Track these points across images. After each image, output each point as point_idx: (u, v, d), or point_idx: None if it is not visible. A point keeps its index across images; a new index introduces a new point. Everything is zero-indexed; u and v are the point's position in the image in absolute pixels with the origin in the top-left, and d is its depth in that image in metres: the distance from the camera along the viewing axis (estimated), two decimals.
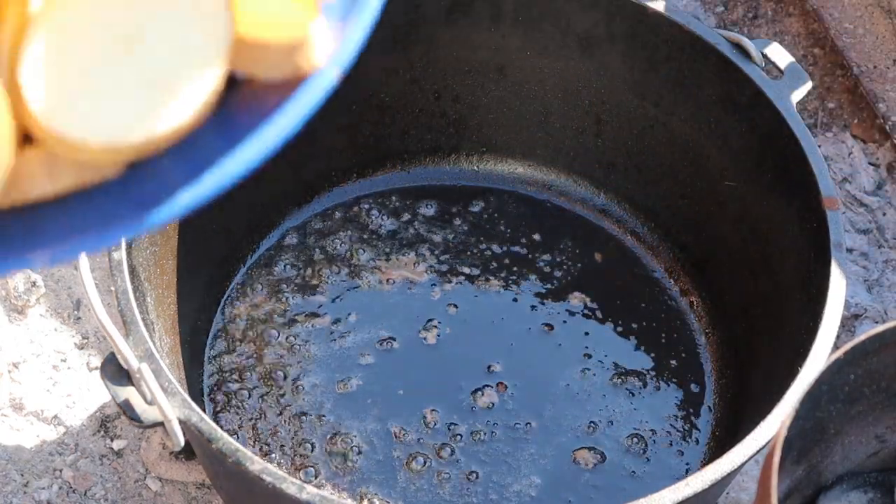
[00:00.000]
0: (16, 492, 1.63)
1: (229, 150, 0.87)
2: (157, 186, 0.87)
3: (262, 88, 0.90)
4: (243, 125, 0.88)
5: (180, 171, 0.87)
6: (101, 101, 0.85)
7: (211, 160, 0.87)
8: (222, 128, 0.88)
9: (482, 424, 1.64)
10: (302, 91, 0.88)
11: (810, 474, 1.33)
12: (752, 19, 2.05)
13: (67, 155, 0.86)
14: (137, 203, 0.86)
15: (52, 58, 0.85)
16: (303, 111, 0.88)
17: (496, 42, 1.73)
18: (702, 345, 1.72)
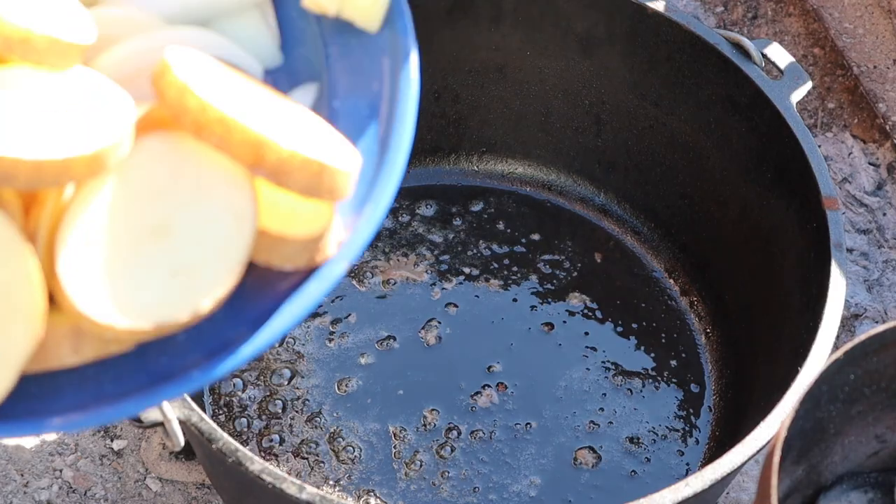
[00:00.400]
0: (16, 492, 1.63)
1: (241, 334, 0.93)
2: (171, 362, 0.93)
3: (275, 274, 0.96)
4: (256, 309, 0.94)
5: (194, 350, 0.93)
6: (129, 286, 0.91)
7: (223, 342, 0.93)
8: (236, 310, 0.94)
9: (482, 424, 1.64)
10: (312, 282, 0.95)
11: (810, 474, 1.33)
12: (752, 19, 2.05)
13: (93, 332, 0.91)
14: (151, 378, 0.93)
15: (85, 243, 0.91)
16: (312, 301, 0.95)
17: (496, 42, 1.73)
18: (702, 345, 1.72)
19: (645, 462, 1.62)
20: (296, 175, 0.93)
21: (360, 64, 1.05)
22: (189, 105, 0.93)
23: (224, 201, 0.94)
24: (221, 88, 0.96)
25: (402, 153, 1.01)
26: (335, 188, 0.95)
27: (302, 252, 0.96)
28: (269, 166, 0.93)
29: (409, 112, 1.02)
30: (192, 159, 0.95)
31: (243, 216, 0.94)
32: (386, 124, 1.02)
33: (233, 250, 0.93)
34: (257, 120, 0.94)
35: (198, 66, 0.97)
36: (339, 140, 0.99)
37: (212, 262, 0.92)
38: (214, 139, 0.93)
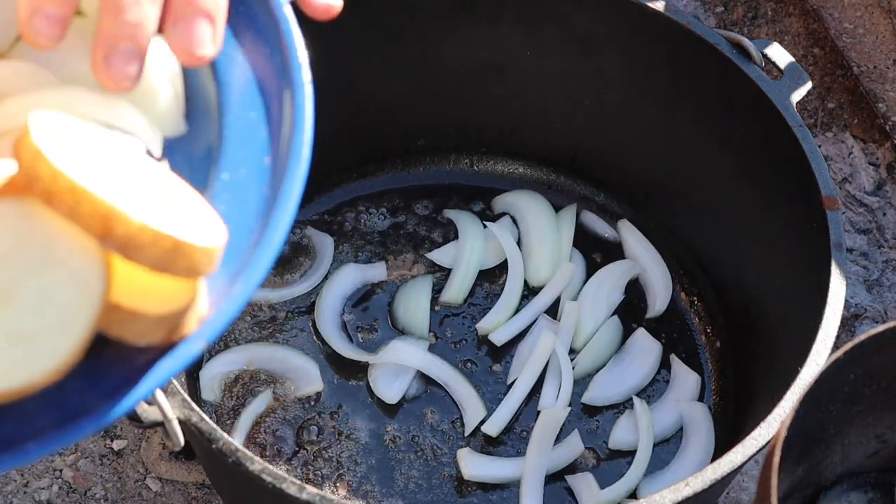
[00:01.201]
0: (16, 492, 1.63)
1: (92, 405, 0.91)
2: (15, 429, 0.91)
3: (129, 348, 0.94)
4: (109, 381, 0.93)
5: (38, 420, 0.91)
6: None
7: (71, 412, 0.91)
8: (86, 381, 0.92)
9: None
10: (166, 360, 0.93)
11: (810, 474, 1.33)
12: (752, 19, 2.05)
13: None
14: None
15: None
16: (165, 377, 0.93)
17: (496, 42, 1.73)
18: (702, 345, 1.72)
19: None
20: (146, 251, 0.91)
21: (256, 136, 1.03)
22: (41, 172, 0.91)
23: (71, 271, 0.92)
24: (82, 156, 0.94)
25: (279, 235, 0.98)
26: (193, 265, 0.93)
27: (157, 328, 0.94)
28: (117, 239, 0.91)
29: (294, 192, 0.99)
30: (44, 226, 0.93)
31: (90, 288, 0.92)
32: (271, 201, 1.00)
33: (76, 323, 0.91)
34: (111, 190, 0.92)
35: (64, 130, 0.95)
36: (209, 215, 0.97)
37: (53, 333, 0.91)
38: (64, 208, 0.91)
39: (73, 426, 0.91)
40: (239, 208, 1.00)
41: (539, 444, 1.58)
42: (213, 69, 1.05)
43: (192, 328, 0.95)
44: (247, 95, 1.04)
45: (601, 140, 1.78)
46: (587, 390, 1.65)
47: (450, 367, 1.65)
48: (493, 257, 1.75)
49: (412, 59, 1.73)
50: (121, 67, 0.95)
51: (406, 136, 1.81)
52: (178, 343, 0.94)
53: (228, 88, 1.05)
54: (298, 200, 0.99)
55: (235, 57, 1.05)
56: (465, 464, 1.59)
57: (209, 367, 1.63)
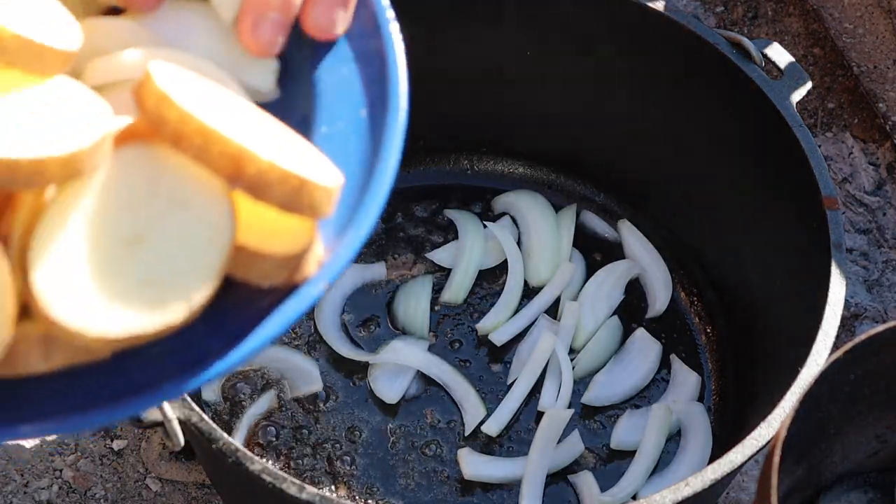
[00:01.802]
0: (16, 492, 1.63)
1: (216, 349, 0.93)
2: (143, 373, 0.93)
3: (255, 291, 0.96)
4: (233, 325, 0.94)
5: (168, 363, 0.93)
6: (101, 293, 0.91)
7: (197, 355, 0.93)
8: (212, 325, 0.94)
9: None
10: (291, 301, 0.95)
11: (810, 474, 1.33)
12: (752, 19, 2.05)
13: (64, 339, 0.91)
14: (122, 388, 0.92)
15: (59, 248, 0.91)
16: (289, 320, 0.95)
17: (496, 42, 1.73)
18: (702, 345, 1.72)
19: None
20: (275, 189, 0.93)
21: (350, 90, 1.06)
22: (168, 115, 0.93)
23: (201, 214, 0.94)
24: (203, 101, 0.96)
25: (387, 179, 1.01)
26: (315, 204, 0.95)
27: (280, 269, 0.96)
28: (247, 179, 0.93)
29: (395, 140, 1.03)
30: (171, 171, 0.95)
31: (219, 230, 0.94)
32: (373, 149, 1.03)
33: (207, 263, 0.93)
34: (238, 132, 0.94)
35: (181, 78, 0.97)
36: (322, 159, 1.00)
37: (185, 275, 0.92)
38: (193, 150, 0.93)
39: (201, 369, 0.93)
40: (340, 159, 1.02)
41: (541, 445, 1.58)
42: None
43: (312, 271, 0.97)
44: (337, 52, 1.07)
45: (601, 140, 1.78)
46: (587, 390, 1.65)
47: (449, 367, 1.65)
48: (493, 257, 1.75)
49: (412, 59, 1.72)
50: (268, 35, 1.02)
51: (406, 136, 1.81)
52: (301, 286, 0.96)
53: (319, 46, 1.07)
54: (402, 148, 1.03)
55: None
56: (465, 464, 1.59)
57: None
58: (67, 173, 0.91)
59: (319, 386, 1.63)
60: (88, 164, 0.92)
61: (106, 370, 0.94)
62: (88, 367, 0.94)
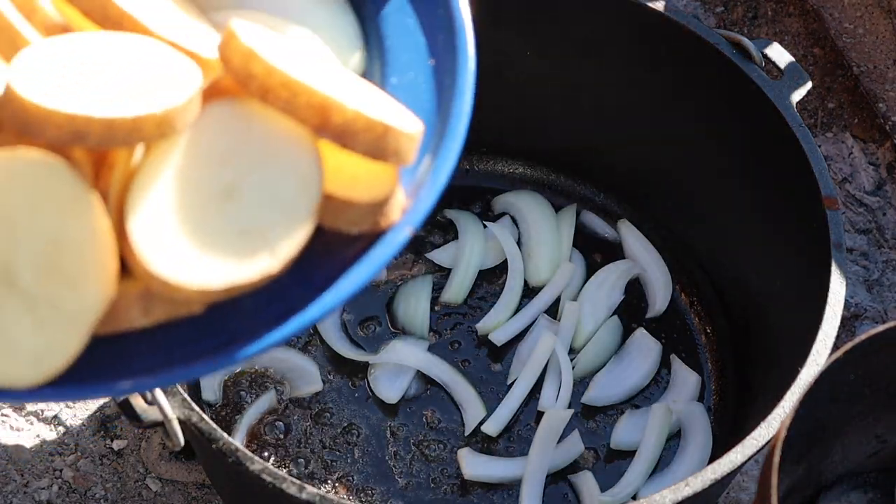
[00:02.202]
0: (16, 492, 1.63)
1: (309, 298, 0.95)
2: (240, 325, 0.95)
3: (341, 240, 0.98)
4: (322, 274, 0.97)
5: (262, 314, 0.95)
6: (199, 247, 0.93)
7: (291, 305, 0.95)
8: (302, 275, 0.96)
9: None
10: (378, 247, 0.98)
11: (810, 474, 1.33)
12: (752, 19, 2.05)
13: (163, 293, 0.93)
14: (221, 340, 0.95)
15: (155, 205, 0.94)
16: (377, 265, 0.97)
17: (496, 42, 1.73)
18: (702, 345, 1.72)
19: None
20: (361, 136, 0.96)
21: (416, 41, 1.08)
22: (255, 70, 0.96)
23: (290, 164, 0.96)
24: (286, 56, 0.98)
25: (462, 124, 1.03)
26: (400, 150, 0.98)
27: (367, 216, 0.98)
28: (334, 128, 0.95)
29: (467, 85, 1.04)
30: (258, 124, 0.97)
31: (309, 178, 0.96)
32: (445, 97, 1.05)
33: (299, 212, 0.95)
34: (322, 84, 0.97)
35: (262, 35, 1.00)
36: (401, 108, 1.02)
37: (279, 224, 0.95)
38: (280, 103, 0.96)
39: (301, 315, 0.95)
40: (413, 108, 1.04)
41: (542, 445, 1.58)
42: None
43: (396, 217, 1.00)
44: (401, 4, 1.10)
45: (601, 140, 1.78)
46: (587, 390, 1.65)
47: (449, 366, 1.65)
48: (493, 257, 1.75)
49: None
50: None
51: None
52: (387, 232, 0.99)
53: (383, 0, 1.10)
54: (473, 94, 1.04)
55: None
56: (465, 464, 1.59)
57: None
58: (162, 131, 0.93)
59: (319, 386, 1.63)
60: (181, 122, 0.94)
61: (203, 323, 0.96)
62: (186, 321, 0.96)
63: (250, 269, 0.93)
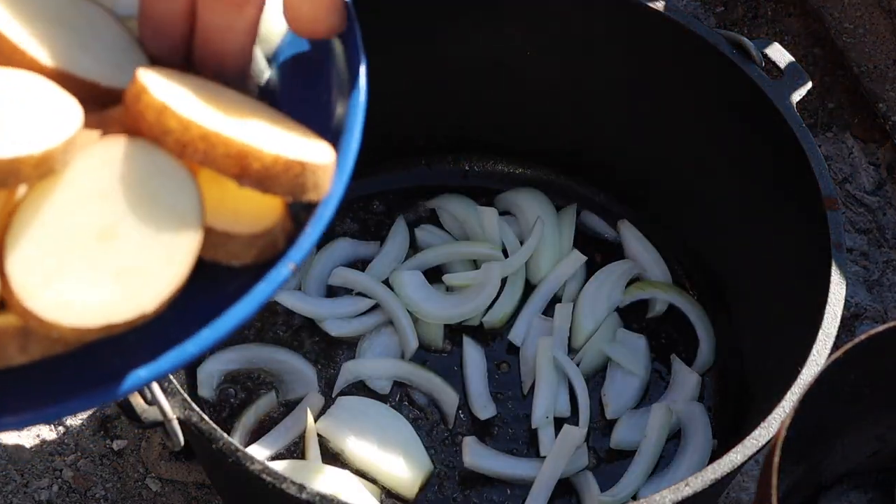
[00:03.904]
0: (16, 492, 1.63)
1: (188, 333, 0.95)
2: (119, 361, 0.94)
3: (224, 274, 0.98)
4: (204, 309, 0.96)
5: (141, 349, 0.95)
6: (76, 286, 0.93)
7: (171, 340, 0.95)
8: (184, 310, 0.96)
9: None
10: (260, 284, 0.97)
11: (810, 474, 1.33)
12: (752, 19, 2.05)
13: (41, 331, 0.93)
14: (99, 376, 0.94)
15: (33, 243, 0.93)
16: (259, 302, 0.96)
17: (496, 42, 1.73)
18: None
19: None
20: (281, 179, 0.95)
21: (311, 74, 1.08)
22: (170, 125, 0.95)
23: (170, 204, 0.96)
24: (196, 101, 0.98)
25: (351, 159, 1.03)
26: (318, 184, 0.97)
27: (248, 249, 0.98)
28: (254, 175, 0.95)
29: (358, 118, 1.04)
30: (141, 162, 0.97)
31: (189, 217, 0.96)
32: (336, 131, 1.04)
33: (178, 252, 0.95)
34: (237, 129, 0.96)
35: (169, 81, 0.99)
36: (309, 133, 1.02)
37: (157, 264, 0.94)
38: (199, 156, 0.95)
39: (177, 352, 0.94)
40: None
41: (555, 459, 1.58)
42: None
43: (281, 246, 0.99)
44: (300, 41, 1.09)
45: (601, 140, 1.78)
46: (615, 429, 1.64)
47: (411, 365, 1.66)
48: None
49: (413, 59, 1.74)
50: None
51: (406, 136, 1.81)
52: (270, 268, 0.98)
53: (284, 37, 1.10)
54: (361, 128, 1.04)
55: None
56: (467, 451, 1.59)
57: (207, 365, 1.63)
58: (41, 172, 0.93)
59: (315, 389, 1.63)
60: (60, 162, 0.94)
61: (82, 359, 0.96)
62: (65, 358, 0.96)
63: (126, 309, 0.93)
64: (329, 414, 1.60)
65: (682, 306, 1.72)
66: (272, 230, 0.99)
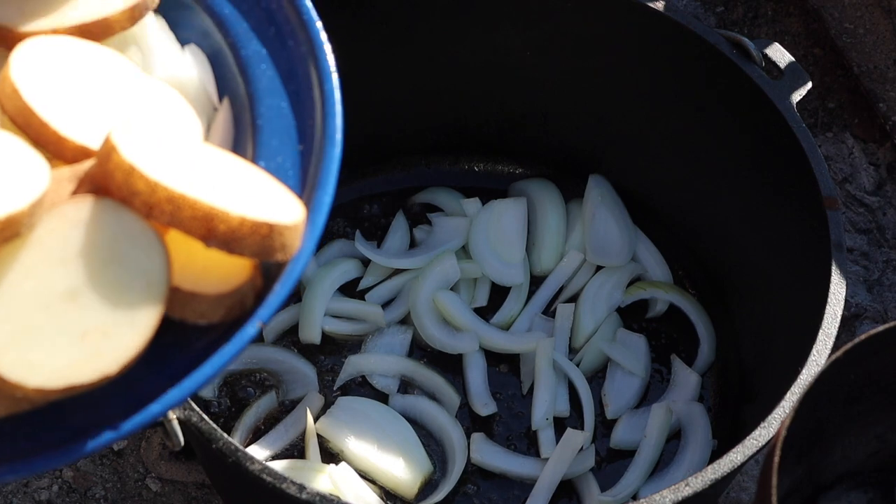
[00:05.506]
0: (16, 492, 1.63)
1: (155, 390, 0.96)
2: (85, 418, 0.95)
3: (191, 331, 0.98)
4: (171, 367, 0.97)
5: (109, 406, 0.95)
6: (40, 347, 0.93)
7: (137, 397, 0.95)
8: (151, 367, 0.96)
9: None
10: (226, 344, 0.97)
11: (810, 474, 1.33)
12: (752, 19, 2.05)
13: (4, 391, 0.93)
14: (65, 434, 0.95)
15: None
16: (225, 361, 0.97)
17: (496, 42, 1.73)
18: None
19: None
20: (247, 241, 0.95)
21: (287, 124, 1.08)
22: (138, 187, 0.95)
23: (136, 267, 0.96)
24: (164, 159, 0.98)
25: (323, 215, 1.02)
26: (286, 245, 0.97)
27: (216, 308, 0.98)
28: (220, 236, 0.95)
29: (331, 177, 1.04)
30: (107, 224, 0.97)
31: (155, 282, 0.96)
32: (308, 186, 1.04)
33: (142, 315, 0.95)
34: (204, 189, 0.96)
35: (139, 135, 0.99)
36: (282, 191, 1.01)
37: (122, 326, 0.94)
38: (165, 217, 0.95)
39: (142, 412, 0.95)
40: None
41: (557, 462, 1.58)
42: (242, 64, 1.10)
43: (250, 304, 0.99)
44: (274, 86, 1.09)
45: (601, 140, 1.78)
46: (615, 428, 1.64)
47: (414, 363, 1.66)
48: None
49: (412, 59, 1.74)
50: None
51: (406, 136, 1.81)
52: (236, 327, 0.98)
53: (257, 81, 1.10)
54: (335, 184, 1.03)
55: (259, 51, 1.10)
56: (474, 448, 1.59)
57: None
58: (5, 236, 0.93)
59: (315, 389, 1.63)
60: (26, 225, 0.94)
61: (49, 416, 0.96)
62: (31, 414, 0.95)
63: (88, 370, 0.93)
64: (329, 414, 1.60)
65: (683, 306, 1.72)
66: (240, 289, 0.98)
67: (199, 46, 1.14)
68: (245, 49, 1.11)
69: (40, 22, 1.06)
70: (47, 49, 1.04)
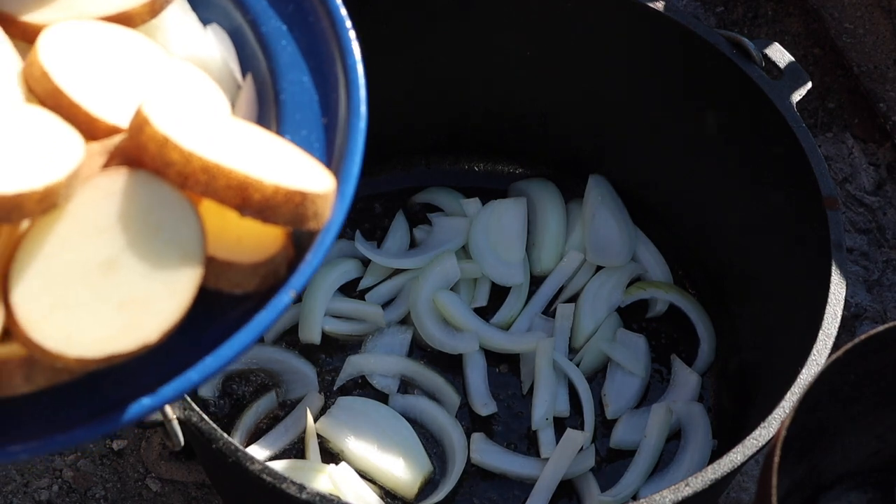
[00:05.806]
0: (16, 492, 1.63)
1: (191, 361, 0.97)
2: (123, 388, 0.96)
3: (226, 301, 0.99)
4: (207, 336, 0.98)
5: (146, 376, 0.97)
6: (80, 318, 0.94)
7: (174, 368, 0.97)
8: (187, 338, 0.97)
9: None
10: (261, 312, 0.98)
11: (810, 474, 1.33)
12: (752, 19, 2.05)
13: (45, 362, 0.94)
14: (104, 405, 0.96)
15: (37, 275, 0.95)
16: (261, 329, 0.98)
17: (496, 42, 1.73)
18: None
19: None
20: (281, 209, 0.96)
21: (310, 98, 1.09)
22: (172, 158, 0.96)
23: (172, 236, 0.97)
24: (196, 130, 0.98)
25: (352, 184, 1.04)
26: (318, 213, 0.98)
27: (250, 277, 0.99)
28: (255, 205, 0.96)
29: (359, 146, 1.05)
30: (144, 194, 0.98)
31: (191, 250, 0.97)
32: (336, 156, 1.05)
33: (180, 284, 0.96)
34: (238, 160, 0.97)
35: (171, 108, 0.99)
36: (310, 162, 1.02)
37: (159, 296, 0.95)
38: (200, 187, 0.96)
39: (180, 379, 0.96)
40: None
41: (557, 463, 1.58)
42: (262, 41, 1.11)
43: (283, 273, 0.99)
44: (295, 61, 1.10)
45: (601, 140, 1.78)
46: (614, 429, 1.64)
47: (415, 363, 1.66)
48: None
49: (412, 59, 1.73)
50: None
51: (406, 136, 1.81)
52: (271, 295, 0.99)
53: (277, 56, 1.11)
54: (362, 155, 1.04)
55: (279, 27, 1.12)
56: (474, 448, 1.59)
57: None
58: (43, 207, 0.94)
59: (315, 389, 1.63)
60: (63, 196, 0.95)
61: (87, 387, 0.97)
62: (70, 385, 0.96)
63: (128, 340, 0.94)
64: (329, 414, 1.60)
65: (683, 306, 1.72)
66: (274, 258, 0.99)
67: (220, 26, 1.15)
68: (265, 26, 1.12)
69: (62, 16, 1.07)
70: (73, 33, 1.05)
